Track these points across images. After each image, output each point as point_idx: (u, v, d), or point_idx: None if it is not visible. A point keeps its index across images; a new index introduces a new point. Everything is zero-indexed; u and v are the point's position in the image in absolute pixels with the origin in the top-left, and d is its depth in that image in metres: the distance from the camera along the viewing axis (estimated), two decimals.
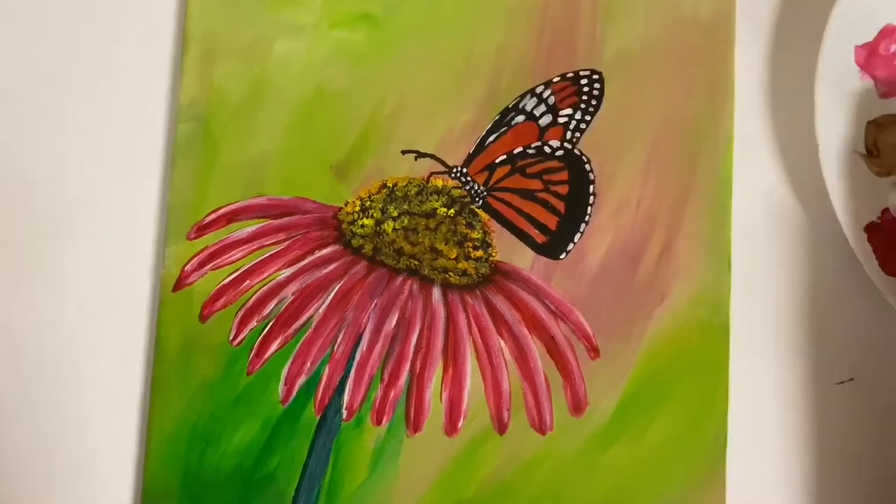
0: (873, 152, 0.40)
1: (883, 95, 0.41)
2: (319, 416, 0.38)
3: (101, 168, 0.41)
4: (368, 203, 0.40)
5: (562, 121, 0.41)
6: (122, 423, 0.39)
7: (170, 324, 0.39)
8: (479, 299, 0.40)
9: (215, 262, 0.40)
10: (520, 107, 0.41)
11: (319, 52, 0.41)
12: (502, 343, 0.39)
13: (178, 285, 0.39)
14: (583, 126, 0.41)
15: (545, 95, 0.41)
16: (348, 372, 0.39)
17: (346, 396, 0.38)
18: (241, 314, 0.39)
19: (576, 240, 0.40)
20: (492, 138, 0.41)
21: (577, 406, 0.39)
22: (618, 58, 0.41)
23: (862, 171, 0.39)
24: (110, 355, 0.40)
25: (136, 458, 0.39)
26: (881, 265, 0.39)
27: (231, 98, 0.41)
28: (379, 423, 0.38)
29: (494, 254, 0.40)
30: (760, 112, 0.42)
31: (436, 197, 0.40)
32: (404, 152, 0.41)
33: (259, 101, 0.41)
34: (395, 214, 0.40)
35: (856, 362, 0.40)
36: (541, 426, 0.38)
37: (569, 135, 0.41)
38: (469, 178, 0.40)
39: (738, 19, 0.41)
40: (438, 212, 0.40)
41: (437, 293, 0.40)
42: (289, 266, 0.40)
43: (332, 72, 0.41)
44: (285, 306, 0.39)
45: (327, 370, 0.39)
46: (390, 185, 0.40)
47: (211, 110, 0.40)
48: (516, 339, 0.39)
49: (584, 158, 0.40)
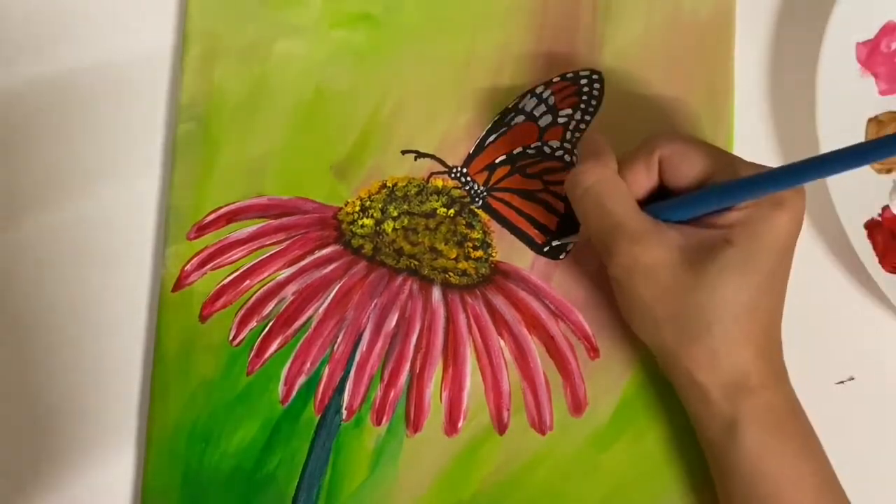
0: None
1: (884, 92, 0.41)
2: (319, 416, 0.38)
3: (101, 168, 0.41)
4: (368, 203, 0.40)
5: (561, 121, 0.41)
6: (121, 423, 0.39)
7: (169, 324, 0.39)
8: (479, 299, 0.40)
9: (215, 262, 0.40)
10: (520, 107, 0.41)
11: (319, 52, 0.41)
12: (502, 343, 0.39)
13: (178, 285, 0.39)
14: (582, 126, 0.41)
15: (545, 95, 0.41)
16: (348, 372, 0.39)
17: (345, 396, 0.38)
18: (240, 314, 0.39)
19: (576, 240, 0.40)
20: (492, 138, 0.41)
21: (577, 406, 0.39)
22: (618, 58, 0.41)
23: (862, 169, 0.39)
24: (110, 355, 0.40)
25: (136, 458, 0.39)
26: (881, 262, 0.39)
27: (231, 98, 0.41)
28: (379, 423, 0.38)
29: (494, 254, 0.40)
30: (760, 112, 0.42)
31: (436, 197, 0.40)
32: (404, 152, 0.41)
33: (259, 101, 0.41)
34: (395, 214, 0.40)
35: (856, 362, 0.40)
36: (541, 426, 0.38)
37: (569, 135, 0.41)
38: (469, 179, 0.40)
39: (738, 19, 0.41)
40: (438, 212, 0.40)
41: (436, 293, 0.40)
42: (289, 266, 0.40)
43: (331, 72, 0.41)
44: (285, 306, 0.39)
45: (327, 370, 0.39)
46: (390, 185, 0.40)
47: (211, 110, 0.40)
48: (516, 339, 0.39)
49: None
